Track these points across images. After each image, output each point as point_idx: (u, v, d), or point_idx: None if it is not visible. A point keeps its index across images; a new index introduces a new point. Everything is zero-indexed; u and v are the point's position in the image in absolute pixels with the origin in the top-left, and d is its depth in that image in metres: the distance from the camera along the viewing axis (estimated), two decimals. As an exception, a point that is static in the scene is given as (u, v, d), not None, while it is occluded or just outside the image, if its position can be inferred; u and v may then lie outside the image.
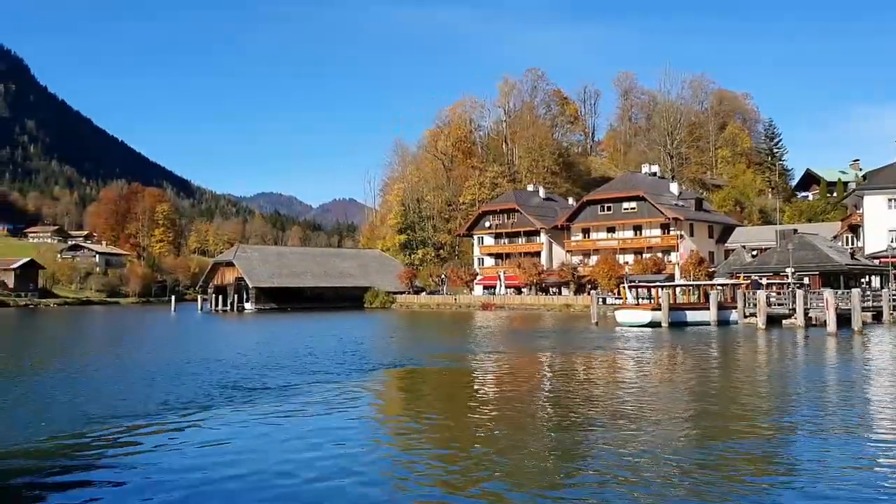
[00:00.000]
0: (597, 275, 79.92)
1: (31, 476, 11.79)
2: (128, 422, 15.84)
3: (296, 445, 13.71)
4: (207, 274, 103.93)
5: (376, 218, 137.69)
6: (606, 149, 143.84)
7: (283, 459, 12.61)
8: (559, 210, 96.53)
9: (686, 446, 13.51)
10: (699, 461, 12.22)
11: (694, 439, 14.12)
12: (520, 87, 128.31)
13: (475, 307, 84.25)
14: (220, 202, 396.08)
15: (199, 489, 11.00)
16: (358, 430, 15.44)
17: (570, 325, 51.88)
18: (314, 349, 33.70)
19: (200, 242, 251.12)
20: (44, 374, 24.87)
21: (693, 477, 11.31)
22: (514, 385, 22.63)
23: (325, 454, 13.00)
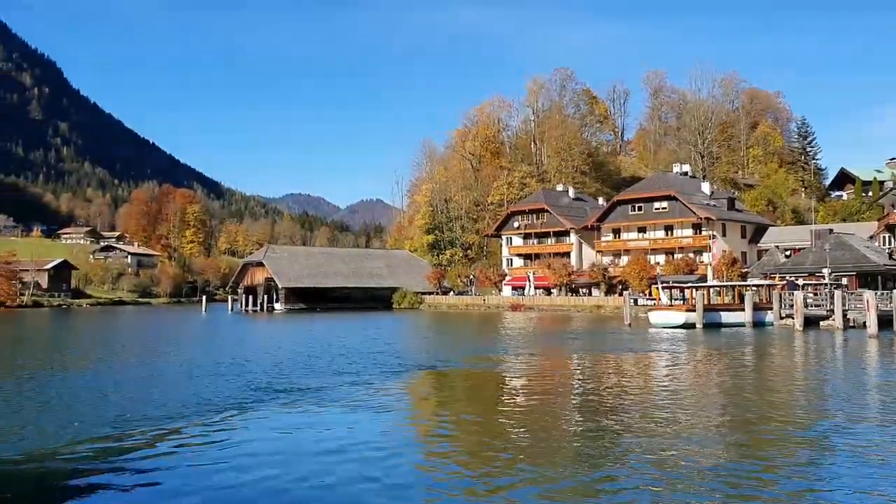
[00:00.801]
0: (628, 275, 79.11)
1: (63, 479, 11.69)
2: (159, 424, 15.72)
3: (327, 448, 13.52)
4: (238, 274, 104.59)
5: (404, 218, 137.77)
6: (636, 148, 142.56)
7: (314, 462, 12.49)
8: (589, 210, 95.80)
9: (721, 453, 13.05)
10: (735, 469, 11.78)
11: (730, 446, 13.63)
12: (548, 86, 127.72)
13: (504, 308, 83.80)
14: (249, 203, 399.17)
15: (229, 492, 10.90)
16: (389, 433, 15.19)
17: (602, 327, 51.31)
18: (345, 350, 33.56)
19: (230, 243, 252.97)
20: (78, 374, 24.95)
21: (728, 484, 10.96)
22: (545, 388, 22.25)
23: (356, 458, 12.82)
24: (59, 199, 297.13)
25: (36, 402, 18.64)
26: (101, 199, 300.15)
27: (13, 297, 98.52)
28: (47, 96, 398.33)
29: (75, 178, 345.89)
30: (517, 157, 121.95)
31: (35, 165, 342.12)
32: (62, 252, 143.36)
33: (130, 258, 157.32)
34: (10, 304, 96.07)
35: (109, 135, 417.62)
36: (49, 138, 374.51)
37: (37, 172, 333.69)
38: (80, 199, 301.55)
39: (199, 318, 77.41)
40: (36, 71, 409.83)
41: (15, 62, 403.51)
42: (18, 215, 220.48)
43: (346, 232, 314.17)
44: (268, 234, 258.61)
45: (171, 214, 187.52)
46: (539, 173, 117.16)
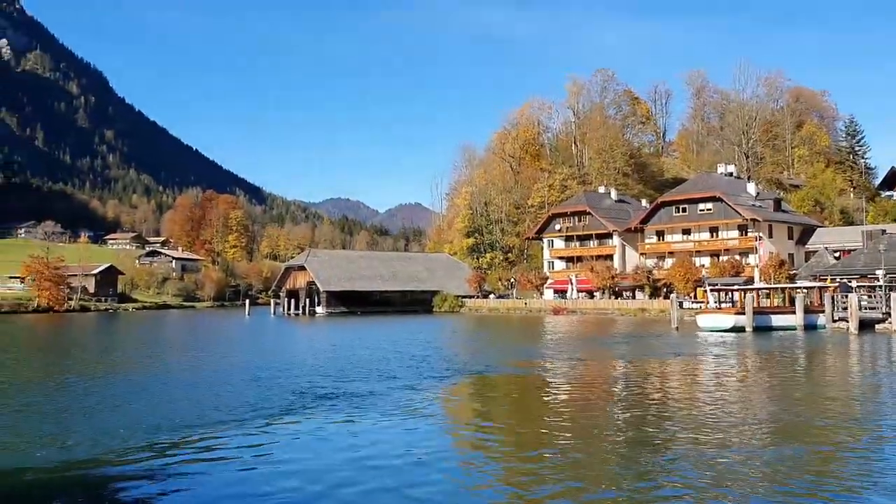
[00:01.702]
0: (672, 278, 77.86)
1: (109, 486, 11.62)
2: (204, 430, 15.60)
3: (370, 456, 13.31)
4: (280, 278, 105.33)
5: (443, 222, 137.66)
6: (678, 149, 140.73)
7: (357, 471, 12.31)
8: (632, 212, 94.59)
9: (772, 464, 12.46)
10: (785, 481, 11.25)
11: (781, 457, 12.99)
12: (589, 87, 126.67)
13: (546, 311, 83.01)
14: (290, 208, 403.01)
15: (272, 500, 10.79)
16: (433, 440, 14.92)
17: (648, 330, 50.40)
18: (387, 354, 33.36)
19: (272, 247, 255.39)
20: (124, 379, 25.09)
21: (778, 494, 10.53)
22: (590, 394, 21.70)
23: (400, 466, 12.65)
24: (105, 205, 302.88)
25: (83, 407, 18.69)
26: (146, 205, 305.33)
27: (61, 301, 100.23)
28: (93, 105, 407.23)
29: (121, 185, 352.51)
30: (558, 160, 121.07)
31: (82, 172, 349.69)
32: (109, 257, 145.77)
33: (175, 263, 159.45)
34: (58, 309, 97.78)
35: (154, 142, 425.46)
36: (96, 146, 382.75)
37: (84, 179, 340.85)
38: (125, 205, 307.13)
39: (242, 321, 78.00)
40: (82, 80, 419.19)
41: (62, 72, 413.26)
42: (66, 222, 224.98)
43: (385, 236, 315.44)
44: (308, 238, 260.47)
45: (214, 219, 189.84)
46: (580, 175, 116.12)
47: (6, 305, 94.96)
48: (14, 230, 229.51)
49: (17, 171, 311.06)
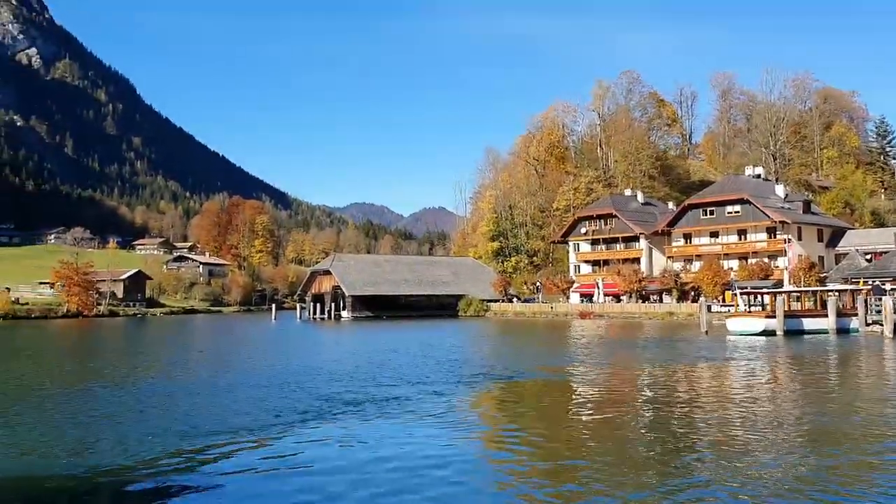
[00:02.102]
0: (700, 281, 77.05)
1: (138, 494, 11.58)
2: (231, 436, 15.51)
3: (396, 463, 13.16)
4: (305, 283, 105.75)
5: (468, 226, 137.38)
6: (704, 151, 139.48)
7: (387, 477, 12.17)
8: (658, 215, 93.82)
9: (803, 473, 12.07)
10: (816, 492, 10.90)
11: (812, 466, 12.56)
12: (614, 90, 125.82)
13: (572, 315, 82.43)
14: (315, 213, 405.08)
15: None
16: (461, 446, 14.74)
17: (677, 334, 49.83)
18: (415, 359, 33.23)
19: (297, 252, 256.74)
20: (152, 384, 25.15)
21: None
22: (618, 400, 21.39)
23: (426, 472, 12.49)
24: (133, 211, 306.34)
25: (110, 414, 18.69)
26: (173, 210, 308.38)
27: (90, 306, 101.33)
28: (121, 112, 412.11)
29: (149, 191, 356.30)
30: (583, 163, 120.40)
31: (111, 179, 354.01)
32: (137, 263, 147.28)
33: (202, 268, 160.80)
34: (87, 314, 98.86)
35: (181, 148, 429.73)
36: (124, 153, 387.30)
37: (112, 186, 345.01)
38: (153, 211, 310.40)
39: (269, 326, 78.37)
40: (110, 88, 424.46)
41: (91, 80, 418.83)
42: (95, 228, 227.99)
43: (409, 240, 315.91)
44: (333, 242, 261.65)
45: (240, 225, 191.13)
46: (606, 178, 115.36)
47: (37, 311, 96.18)
48: (44, 236, 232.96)
49: (47, 178, 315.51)
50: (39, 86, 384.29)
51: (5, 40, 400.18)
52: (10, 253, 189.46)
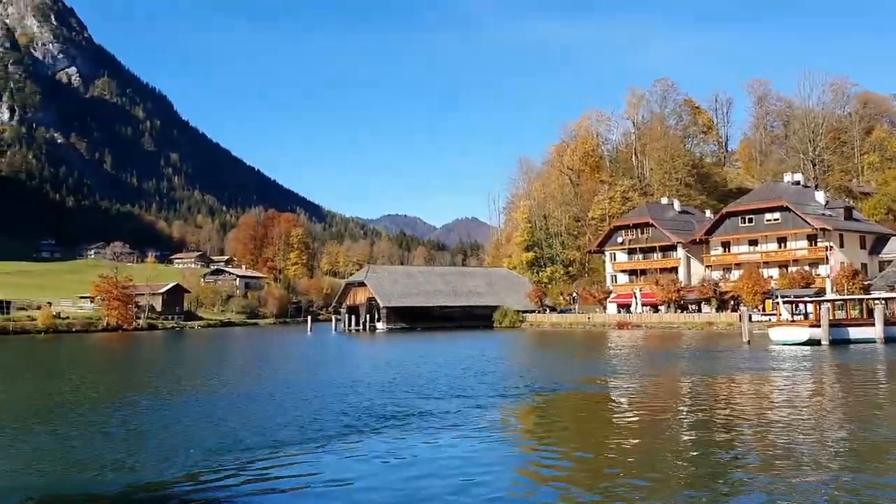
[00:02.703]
0: (740, 290, 75.83)
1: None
2: (270, 450, 15.36)
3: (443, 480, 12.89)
4: (340, 294, 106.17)
5: (501, 236, 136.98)
6: (741, 158, 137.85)
7: (430, 494, 11.97)
8: (696, 223, 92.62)
9: (851, 491, 11.51)
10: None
11: (863, 483, 11.95)
12: (648, 97, 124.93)
13: (610, 326, 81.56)
14: (348, 225, 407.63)
15: None
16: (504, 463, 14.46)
17: (717, 345, 48.95)
18: (452, 371, 32.95)
19: (331, 264, 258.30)
20: (192, 397, 25.14)
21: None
22: (662, 413, 20.82)
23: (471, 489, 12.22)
24: (171, 225, 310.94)
25: (149, 428, 18.67)
26: (210, 224, 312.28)
27: (130, 320, 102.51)
28: (159, 128, 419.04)
29: (186, 206, 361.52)
30: (618, 171, 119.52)
31: (149, 194, 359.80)
32: (175, 276, 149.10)
33: (239, 280, 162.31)
34: (126, 328, 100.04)
35: (217, 163, 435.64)
36: (161, 168, 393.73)
37: (150, 201, 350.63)
38: (190, 225, 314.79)
39: (305, 338, 78.65)
40: (148, 104, 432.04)
41: (128, 97, 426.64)
42: (134, 242, 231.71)
43: (442, 251, 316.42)
44: (367, 254, 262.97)
45: (276, 238, 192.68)
46: (641, 187, 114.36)
47: (77, 324, 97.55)
48: (84, 251, 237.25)
49: (86, 193, 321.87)
50: (79, 104, 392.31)
51: (46, 59, 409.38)
52: (51, 268, 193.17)
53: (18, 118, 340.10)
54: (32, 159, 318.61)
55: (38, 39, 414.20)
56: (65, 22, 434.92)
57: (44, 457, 14.97)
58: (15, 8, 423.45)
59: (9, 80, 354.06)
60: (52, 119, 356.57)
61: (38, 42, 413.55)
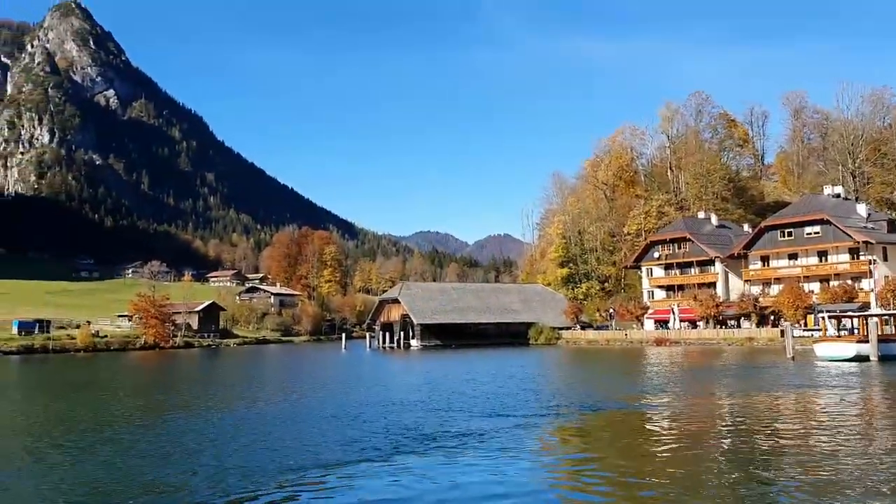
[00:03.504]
0: (780, 305, 74.35)
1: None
2: (310, 471, 15.12)
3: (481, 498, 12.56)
4: (374, 311, 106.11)
5: (535, 252, 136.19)
6: (777, 172, 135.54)
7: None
8: (733, 237, 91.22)
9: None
10: None
11: None
12: (683, 111, 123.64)
13: (648, 343, 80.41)
14: (381, 242, 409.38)
15: None
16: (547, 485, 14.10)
17: (761, 361, 47.86)
18: (489, 389, 32.52)
19: (364, 281, 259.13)
20: (230, 416, 25.04)
21: None
22: (707, 433, 20.12)
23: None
24: (207, 244, 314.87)
25: (193, 447, 18.54)
26: (245, 243, 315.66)
27: (167, 338, 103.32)
28: (195, 149, 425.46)
29: (221, 225, 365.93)
30: (653, 186, 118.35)
31: (185, 214, 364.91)
32: (211, 294, 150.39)
33: (273, 298, 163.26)
34: (164, 346, 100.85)
35: (252, 182, 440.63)
36: (197, 188, 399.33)
37: (187, 220, 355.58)
38: (226, 243, 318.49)
39: (339, 355, 78.63)
40: (184, 125, 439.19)
41: (165, 118, 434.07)
42: (171, 261, 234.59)
43: (475, 267, 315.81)
44: (399, 271, 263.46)
45: (309, 255, 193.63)
46: (677, 201, 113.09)
47: (115, 343, 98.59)
48: (122, 270, 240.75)
49: (124, 214, 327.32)
50: (117, 125, 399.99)
51: (84, 83, 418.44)
52: (90, 287, 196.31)
53: (58, 140, 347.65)
54: (72, 180, 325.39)
55: (78, 63, 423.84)
56: (103, 46, 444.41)
57: (102, 477, 14.89)
58: (55, 33, 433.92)
59: (49, 103, 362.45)
60: (90, 141, 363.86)
61: (78, 66, 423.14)
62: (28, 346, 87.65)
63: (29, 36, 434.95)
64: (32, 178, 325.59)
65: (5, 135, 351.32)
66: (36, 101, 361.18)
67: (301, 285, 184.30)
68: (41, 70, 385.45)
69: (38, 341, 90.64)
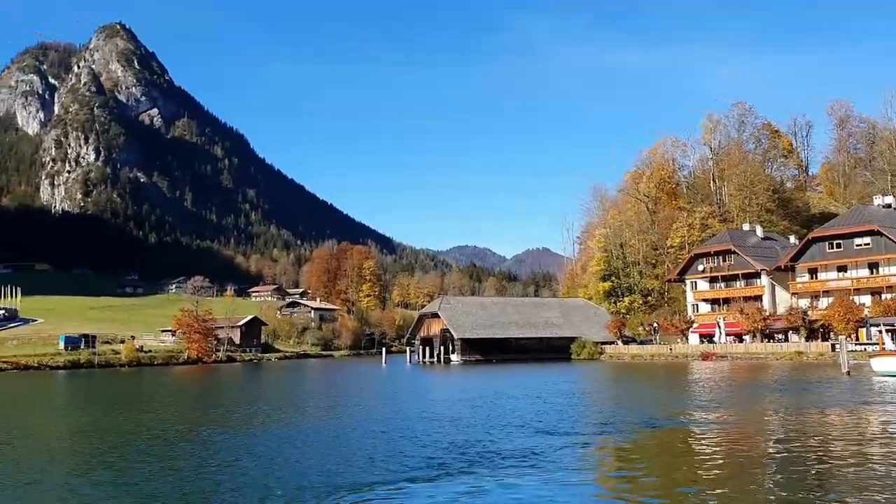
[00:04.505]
0: (830, 318, 72.39)
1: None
2: (364, 492, 14.67)
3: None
4: (414, 326, 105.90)
5: (576, 266, 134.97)
6: (822, 182, 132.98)
7: None
8: (780, 250, 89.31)
9: None
10: None
11: None
12: (725, 122, 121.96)
13: (693, 357, 78.87)
14: (419, 257, 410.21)
15: None
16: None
17: (813, 376, 46.42)
18: (536, 405, 31.86)
19: (403, 296, 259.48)
20: (274, 431, 24.74)
21: None
22: (768, 455, 19.19)
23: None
24: (248, 259, 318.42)
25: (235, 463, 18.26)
26: (285, 258, 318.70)
27: (209, 353, 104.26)
28: (236, 166, 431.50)
29: (262, 240, 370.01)
30: (696, 198, 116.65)
31: (227, 230, 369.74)
32: (252, 309, 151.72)
33: (313, 313, 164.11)
34: (206, 360, 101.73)
35: (292, 198, 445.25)
36: (239, 204, 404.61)
37: (228, 237, 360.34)
38: (266, 259, 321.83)
39: (380, 370, 78.40)
40: (226, 143, 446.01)
41: (207, 136, 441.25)
42: (213, 276, 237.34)
43: (513, 282, 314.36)
44: (437, 286, 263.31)
45: (348, 270, 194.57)
46: (721, 213, 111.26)
47: (159, 357, 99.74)
48: (166, 286, 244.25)
49: (168, 230, 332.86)
50: (161, 144, 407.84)
51: (129, 102, 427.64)
52: (134, 302, 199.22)
53: (104, 159, 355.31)
54: (117, 198, 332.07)
55: (122, 83, 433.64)
56: (147, 66, 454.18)
57: (157, 491, 14.72)
58: (100, 54, 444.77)
59: (95, 122, 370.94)
60: (135, 159, 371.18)
61: (122, 86, 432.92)
62: (74, 360, 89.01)
63: (75, 57, 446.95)
64: (79, 196, 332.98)
65: (53, 154, 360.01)
66: (82, 120, 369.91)
67: (340, 300, 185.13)
68: (87, 90, 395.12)
69: (83, 356, 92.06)
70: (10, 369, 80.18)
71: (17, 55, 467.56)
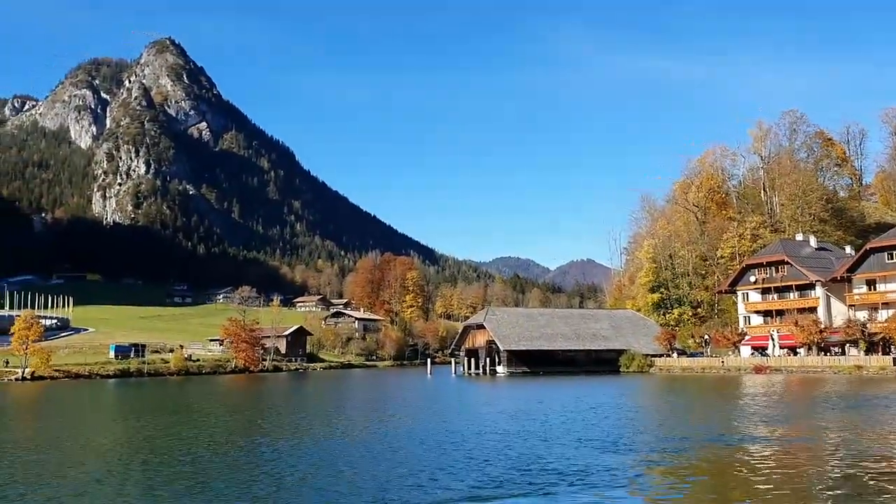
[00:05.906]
0: (892, 331, 70.08)
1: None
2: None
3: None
4: (459, 337, 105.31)
5: (623, 277, 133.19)
6: (877, 192, 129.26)
7: None
8: (834, 260, 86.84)
9: None
10: None
11: None
12: (776, 130, 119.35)
13: (745, 370, 76.92)
14: (461, 268, 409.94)
15: None
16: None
17: (877, 391, 44.71)
18: (590, 419, 31.12)
19: (446, 307, 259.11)
20: (325, 443, 24.48)
21: None
22: (834, 477, 18.36)
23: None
24: (293, 270, 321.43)
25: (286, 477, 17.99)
26: (329, 269, 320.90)
27: (256, 362, 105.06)
28: (282, 178, 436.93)
29: (307, 251, 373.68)
30: (746, 208, 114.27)
31: (273, 241, 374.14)
32: (297, 319, 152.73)
33: (357, 323, 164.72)
34: (253, 369, 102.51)
35: (336, 210, 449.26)
36: (284, 216, 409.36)
37: (274, 248, 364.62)
38: (311, 270, 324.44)
39: (425, 381, 77.97)
40: (272, 156, 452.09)
41: (254, 149, 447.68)
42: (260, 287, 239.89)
43: (558, 293, 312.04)
44: (480, 297, 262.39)
45: (392, 281, 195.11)
46: (772, 223, 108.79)
47: (207, 367, 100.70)
48: (214, 296, 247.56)
49: (216, 241, 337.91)
50: (209, 156, 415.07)
51: (178, 116, 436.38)
52: (183, 312, 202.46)
53: (154, 171, 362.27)
54: (166, 210, 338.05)
55: (172, 97, 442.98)
56: (195, 80, 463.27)
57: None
58: (151, 69, 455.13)
59: (145, 136, 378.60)
60: (184, 172, 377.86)
61: (172, 100, 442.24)
62: (124, 369, 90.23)
63: (127, 72, 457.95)
64: (129, 208, 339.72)
65: (105, 167, 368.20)
66: (133, 134, 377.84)
67: (384, 310, 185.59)
68: (138, 104, 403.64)
69: (133, 365, 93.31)
70: (63, 378, 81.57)
71: (70, 71, 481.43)
